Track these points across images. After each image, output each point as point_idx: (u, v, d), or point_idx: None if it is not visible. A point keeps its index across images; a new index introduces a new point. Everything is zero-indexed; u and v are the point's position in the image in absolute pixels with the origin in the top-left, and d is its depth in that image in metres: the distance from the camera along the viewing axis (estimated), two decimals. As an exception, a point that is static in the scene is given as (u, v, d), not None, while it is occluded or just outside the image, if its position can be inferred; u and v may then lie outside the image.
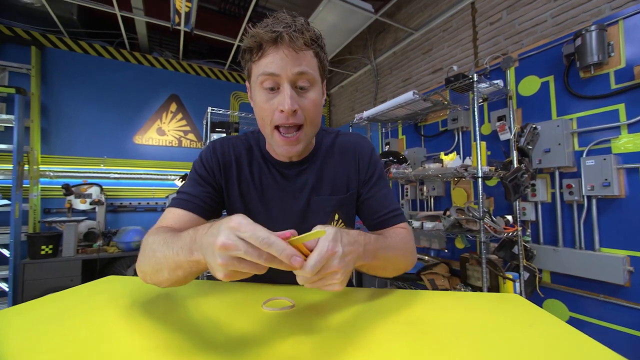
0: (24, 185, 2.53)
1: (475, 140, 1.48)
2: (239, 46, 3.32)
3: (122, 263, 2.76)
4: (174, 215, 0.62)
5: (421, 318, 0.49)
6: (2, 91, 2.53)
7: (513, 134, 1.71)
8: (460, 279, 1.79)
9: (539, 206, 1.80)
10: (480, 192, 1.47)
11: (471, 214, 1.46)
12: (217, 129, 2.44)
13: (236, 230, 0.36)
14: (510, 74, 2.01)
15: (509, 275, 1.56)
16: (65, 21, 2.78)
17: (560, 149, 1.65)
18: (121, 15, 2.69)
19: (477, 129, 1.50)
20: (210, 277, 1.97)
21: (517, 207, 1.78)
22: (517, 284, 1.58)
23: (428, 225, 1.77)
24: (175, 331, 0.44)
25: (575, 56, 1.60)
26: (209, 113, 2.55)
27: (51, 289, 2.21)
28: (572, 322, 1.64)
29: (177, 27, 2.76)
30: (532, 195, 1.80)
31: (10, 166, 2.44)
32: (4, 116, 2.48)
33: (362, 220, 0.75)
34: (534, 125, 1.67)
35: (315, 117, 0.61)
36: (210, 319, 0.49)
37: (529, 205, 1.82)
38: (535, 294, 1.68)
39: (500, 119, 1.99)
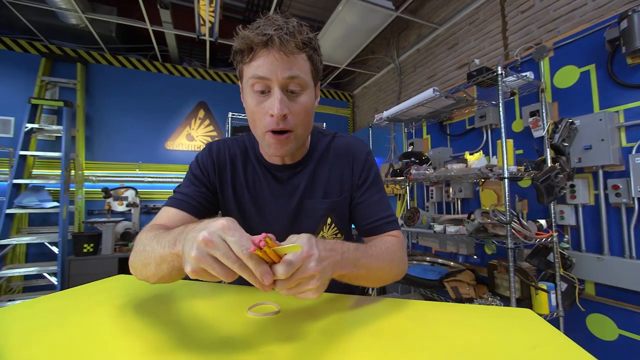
0: (70, 189, 2.79)
1: (500, 137, 1.37)
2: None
3: (154, 262, 2.93)
4: (168, 214, 0.63)
5: (411, 331, 0.45)
6: (53, 104, 2.82)
7: (546, 130, 1.55)
8: (488, 288, 1.66)
9: (580, 209, 1.62)
10: (507, 193, 1.35)
11: (497, 218, 1.35)
12: (238, 134, 2.51)
13: (222, 232, 0.36)
14: (544, 65, 1.84)
15: (543, 285, 1.42)
16: (106, 38, 3.04)
17: (604, 145, 1.47)
18: (152, 30, 2.88)
19: (503, 125, 1.39)
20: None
21: (553, 211, 1.61)
22: (553, 296, 1.43)
23: (451, 229, 1.67)
24: (160, 332, 0.44)
25: (621, 41, 1.42)
26: (229, 118, 2.63)
27: (92, 284, 2.41)
28: (621, 340, 1.44)
29: (203, 38, 2.89)
30: (571, 197, 1.62)
31: (59, 172, 2.70)
32: (54, 127, 2.76)
33: (354, 225, 0.72)
34: (570, 120, 1.50)
35: (305, 121, 0.60)
36: (199, 322, 0.49)
37: (568, 209, 1.65)
38: (575, 307, 1.50)
39: (533, 114, 1.83)
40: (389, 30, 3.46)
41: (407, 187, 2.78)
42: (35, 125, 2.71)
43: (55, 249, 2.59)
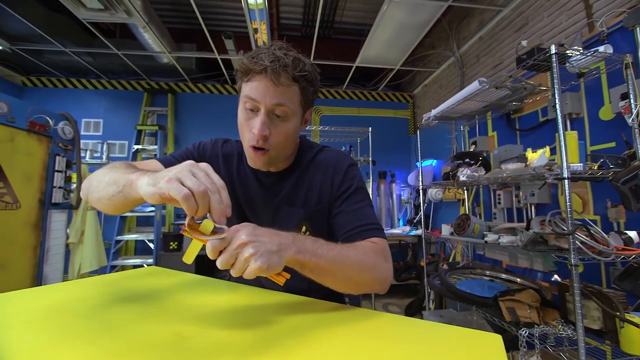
0: (163, 197, 3.41)
1: (558, 130, 1.13)
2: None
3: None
4: (154, 164, 0.69)
5: (317, 339, 0.44)
6: (152, 129, 3.52)
7: (634, 114, 1.20)
8: (560, 313, 1.36)
9: None
10: (567, 197, 1.09)
11: (552, 228, 1.10)
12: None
13: (207, 167, 0.44)
14: (642, 32, 1.43)
15: (634, 317, 1.09)
16: (188, 71, 3.65)
17: None
18: (221, 58, 3.33)
19: (560, 115, 1.13)
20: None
21: (654, 220, 1.23)
22: (652, 332, 1.08)
23: (505, 239, 1.43)
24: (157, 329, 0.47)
25: None
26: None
27: (176, 276, 2.88)
28: None
29: (260, 58, 3.20)
30: (686, 202, 1.21)
31: (155, 182, 3.34)
32: (152, 147, 3.44)
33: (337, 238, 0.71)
34: (671, 100, 1.13)
35: (284, 143, 0.66)
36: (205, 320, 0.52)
37: (683, 217, 1.23)
38: (693, 352, 1.10)
39: (625, 96, 1.44)
40: (446, 22, 3.19)
41: (466, 191, 2.49)
42: (140, 146, 3.42)
43: (151, 245, 3.20)
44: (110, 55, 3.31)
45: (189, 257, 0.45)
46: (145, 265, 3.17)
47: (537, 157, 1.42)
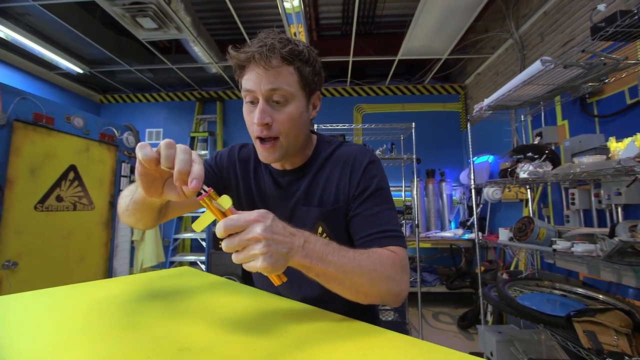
0: (213, 198, 3.65)
1: (653, 111, 0.88)
2: (353, 62, 3.47)
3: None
4: None
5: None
6: (203, 135, 3.78)
7: None
8: (662, 343, 1.08)
9: None
10: (669, 197, 0.85)
11: (647, 235, 0.86)
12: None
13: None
14: None
15: None
16: (234, 79, 3.84)
17: None
18: (262, 64, 3.44)
19: (656, 92, 0.89)
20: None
21: None
22: None
23: (580, 248, 1.19)
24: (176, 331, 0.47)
25: None
26: (315, 129, 2.79)
27: (225, 274, 3.04)
28: None
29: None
30: None
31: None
32: (203, 152, 3.69)
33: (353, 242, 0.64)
34: None
35: (290, 129, 0.62)
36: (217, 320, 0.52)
37: None
38: None
39: None
40: (501, 1, 2.84)
41: (530, 190, 2.17)
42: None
43: (204, 244, 3.43)
44: (167, 70, 3.65)
45: (199, 226, 0.44)
46: (198, 262, 3.42)
47: (623, 147, 1.15)
